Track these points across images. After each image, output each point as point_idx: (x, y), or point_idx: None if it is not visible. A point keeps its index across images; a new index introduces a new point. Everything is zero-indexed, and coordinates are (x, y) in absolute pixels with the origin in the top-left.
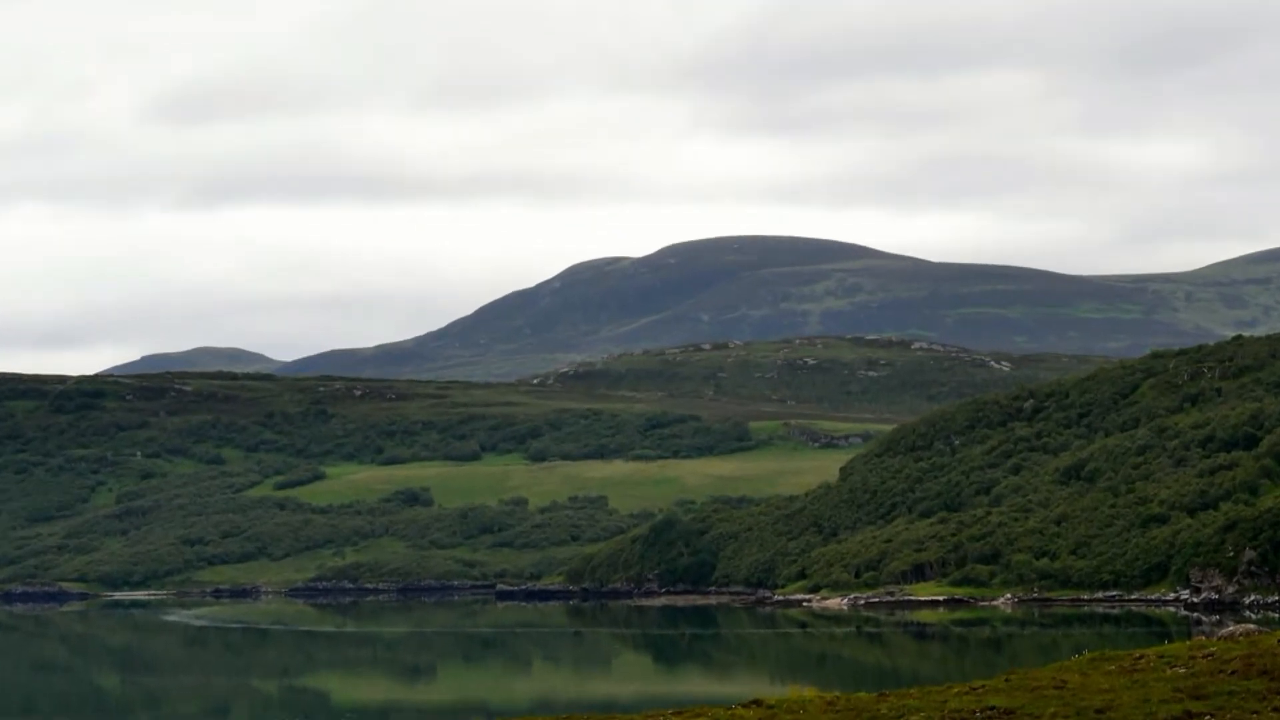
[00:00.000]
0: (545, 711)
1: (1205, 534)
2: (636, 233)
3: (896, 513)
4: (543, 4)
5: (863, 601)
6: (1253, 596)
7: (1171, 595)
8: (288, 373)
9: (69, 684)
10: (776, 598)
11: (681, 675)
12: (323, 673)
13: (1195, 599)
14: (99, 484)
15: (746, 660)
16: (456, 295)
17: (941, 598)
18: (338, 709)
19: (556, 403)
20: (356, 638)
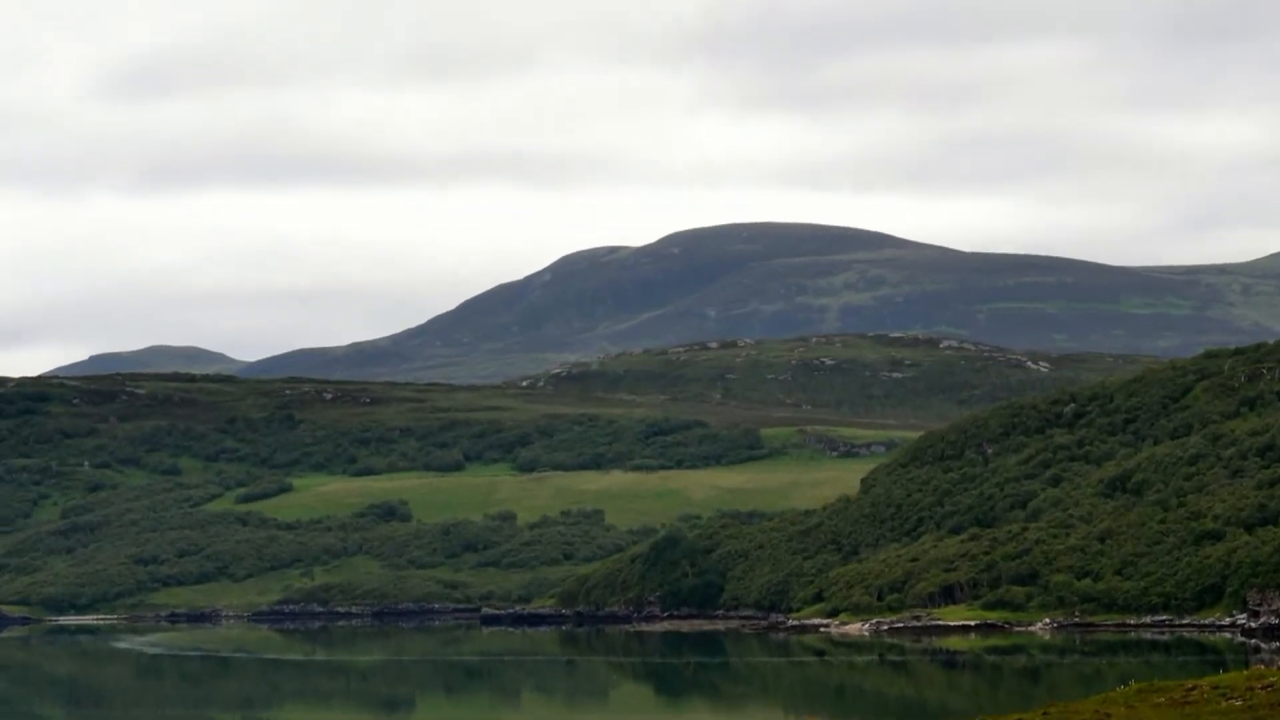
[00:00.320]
0: None
1: (1264, 552)
2: (636, 219)
3: (923, 529)
4: None
5: (886, 627)
6: None
7: (1227, 620)
8: (251, 374)
9: (9, 718)
10: (791, 623)
11: (686, 708)
12: (289, 705)
13: (1253, 624)
14: (42, 497)
15: (758, 692)
16: (437, 289)
17: (973, 622)
18: None
19: (547, 407)
20: (327, 667)
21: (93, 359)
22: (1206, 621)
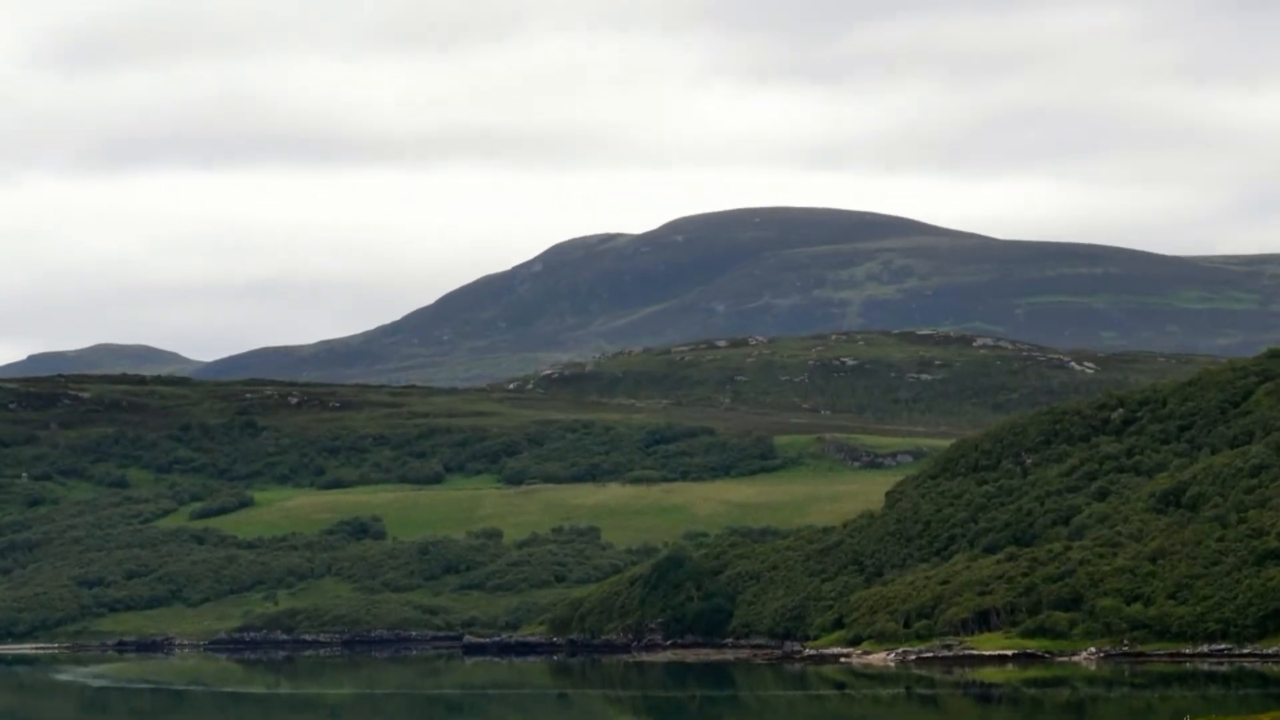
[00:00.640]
0: None
1: None
2: (635, 204)
3: (955, 548)
4: None
5: (914, 657)
6: None
7: None
8: (208, 376)
9: None
10: (808, 652)
11: None
12: None
13: None
14: None
15: None
16: (414, 281)
17: (1010, 652)
18: None
19: (537, 413)
20: (292, 701)
21: (31, 359)
22: (1270, 651)
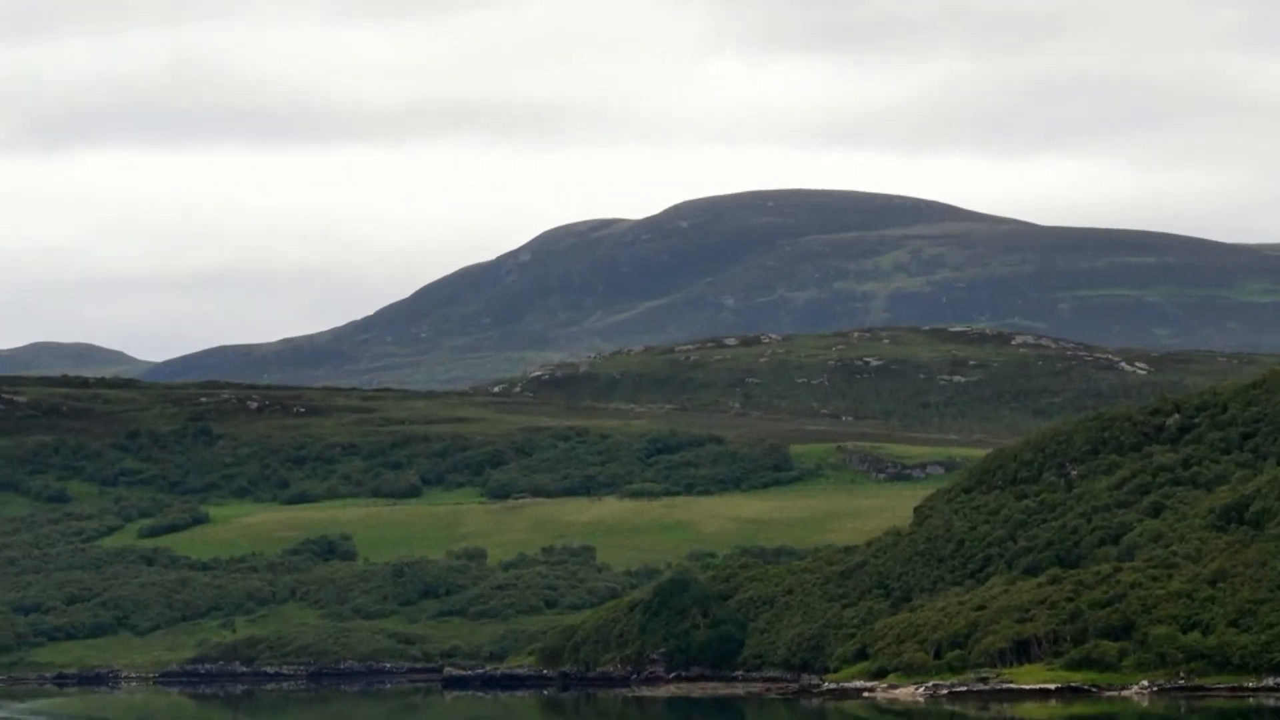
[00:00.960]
0: None
1: None
2: (635, 186)
3: (991, 570)
4: None
5: (945, 691)
6: None
7: None
8: (157, 378)
9: None
10: (827, 686)
11: None
12: None
13: None
14: None
15: None
16: (388, 272)
17: (1053, 686)
18: None
19: (526, 419)
20: None
21: None
22: None
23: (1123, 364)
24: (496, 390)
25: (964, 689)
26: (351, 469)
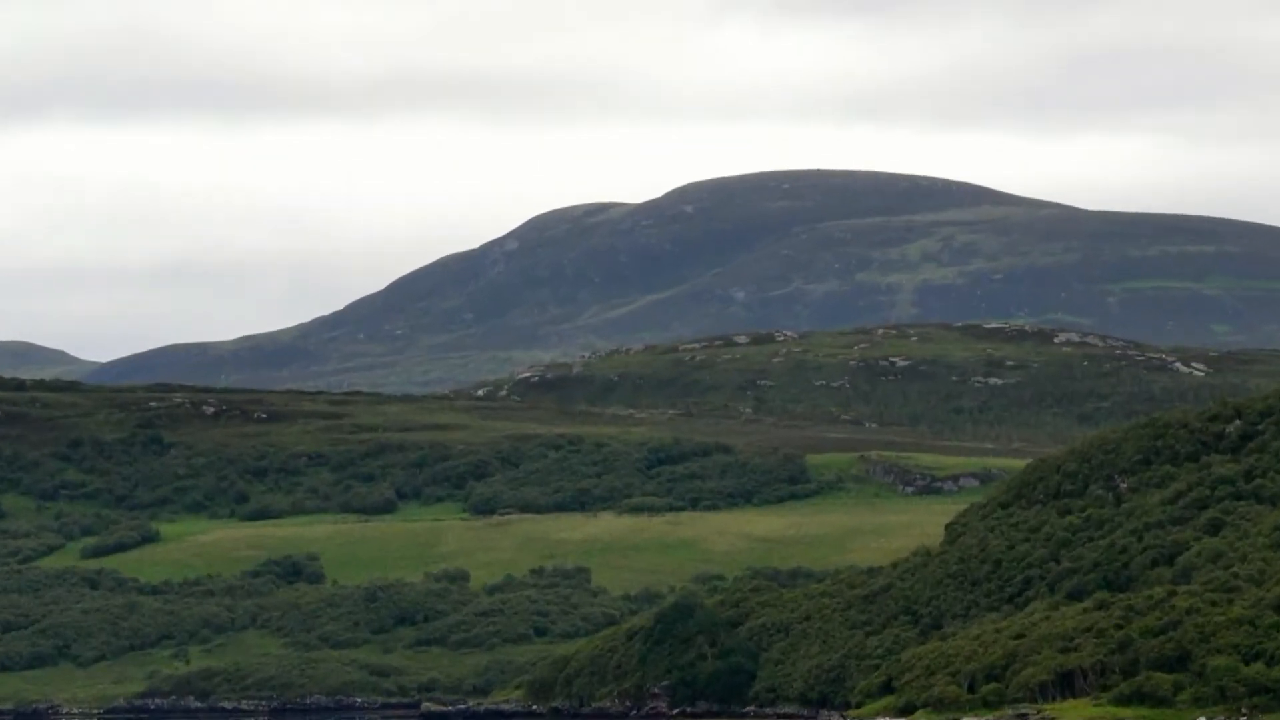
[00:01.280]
0: None
1: None
2: (634, 167)
3: (1032, 593)
4: None
5: None
6: None
7: None
8: (102, 380)
9: None
10: None
11: None
12: None
13: None
14: None
15: None
16: (359, 262)
17: None
18: None
19: (513, 425)
20: None
21: None
22: None
23: (1178, 364)
24: (480, 394)
25: None
26: (319, 481)
